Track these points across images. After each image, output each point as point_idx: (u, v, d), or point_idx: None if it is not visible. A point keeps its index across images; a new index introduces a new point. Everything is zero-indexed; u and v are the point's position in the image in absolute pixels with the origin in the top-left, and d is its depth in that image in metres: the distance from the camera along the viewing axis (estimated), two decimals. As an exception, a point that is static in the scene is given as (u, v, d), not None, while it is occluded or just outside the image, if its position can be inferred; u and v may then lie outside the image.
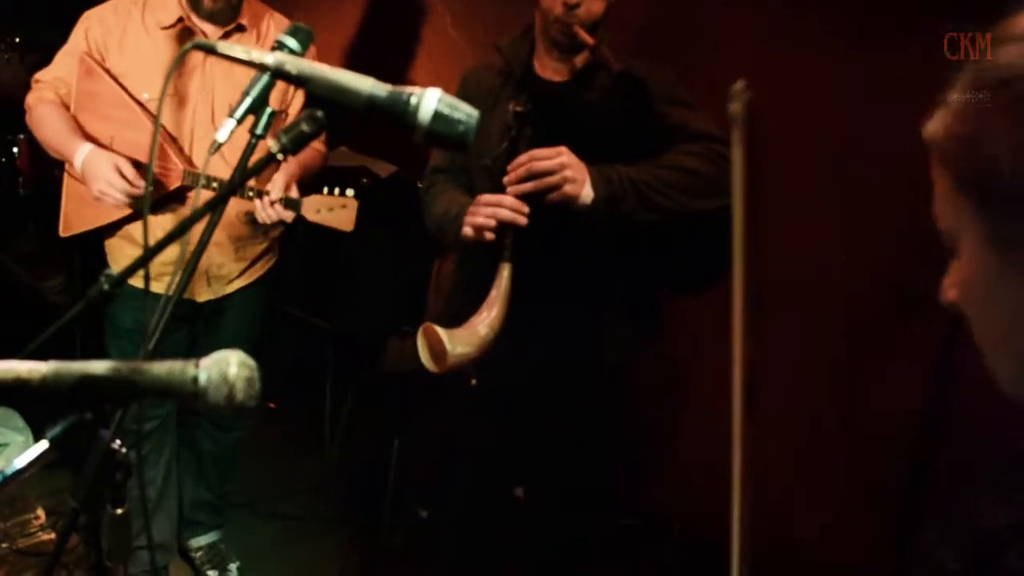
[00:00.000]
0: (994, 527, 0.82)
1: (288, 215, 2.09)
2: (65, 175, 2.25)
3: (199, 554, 2.67)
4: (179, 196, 2.15)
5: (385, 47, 3.47)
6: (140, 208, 2.10)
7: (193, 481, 2.63)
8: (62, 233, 2.27)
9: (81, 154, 2.05)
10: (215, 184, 2.07)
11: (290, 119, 2.11)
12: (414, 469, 2.76)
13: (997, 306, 0.70)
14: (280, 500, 3.02)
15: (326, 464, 3.26)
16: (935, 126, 0.72)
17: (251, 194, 2.06)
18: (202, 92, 2.13)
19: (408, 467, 2.88)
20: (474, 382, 1.73)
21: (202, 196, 2.09)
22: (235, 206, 2.22)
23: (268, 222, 2.09)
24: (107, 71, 2.11)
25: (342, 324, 3.13)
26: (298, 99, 2.29)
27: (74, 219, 2.25)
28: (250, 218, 2.25)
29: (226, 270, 2.30)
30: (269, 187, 2.06)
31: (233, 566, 2.66)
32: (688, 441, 2.66)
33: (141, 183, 2.02)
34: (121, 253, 2.26)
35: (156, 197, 2.10)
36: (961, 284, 0.72)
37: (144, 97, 2.12)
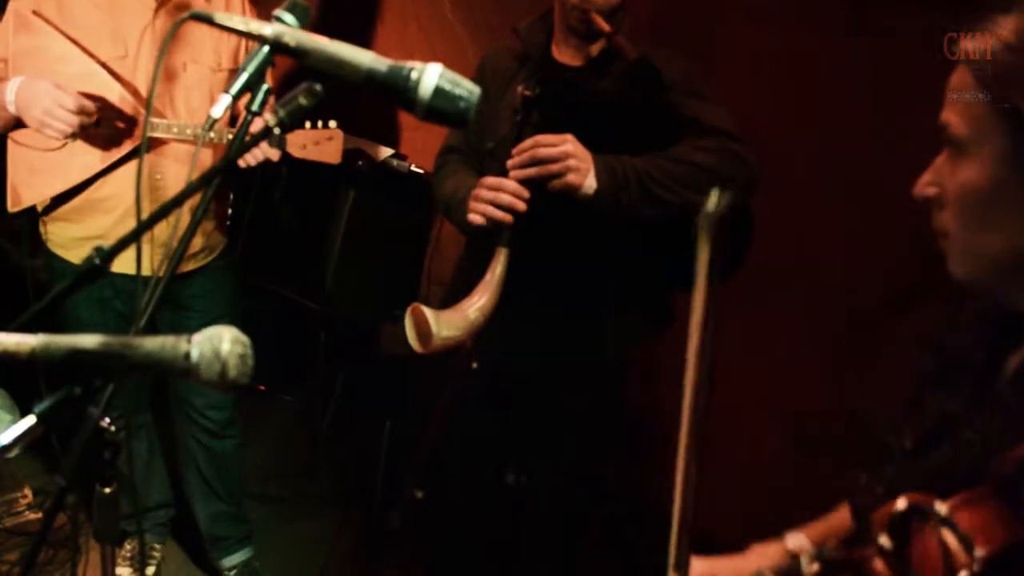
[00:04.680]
0: (946, 409, 0.91)
1: (274, 153, 2.06)
2: (9, 142, 2.10)
3: (233, 573, 2.60)
4: (148, 148, 2.09)
5: (382, 30, 3.44)
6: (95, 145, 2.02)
7: (202, 498, 2.54)
8: (11, 208, 2.13)
9: (13, 86, 1.90)
10: (188, 132, 2.03)
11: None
12: (410, 449, 2.76)
13: (989, 213, 0.82)
14: (270, 482, 3.01)
15: (317, 447, 3.25)
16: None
17: (231, 138, 2.01)
18: (152, 48, 2.05)
19: (400, 451, 2.87)
20: (475, 365, 1.71)
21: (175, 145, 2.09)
22: (197, 169, 2.17)
23: (253, 163, 2.05)
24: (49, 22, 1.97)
25: (334, 307, 3.11)
26: None
27: (24, 190, 2.11)
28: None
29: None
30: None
31: None
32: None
33: (89, 106, 1.92)
34: (64, 235, 2.16)
35: (128, 146, 2.04)
36: (962, 187, 0.83)
37: None
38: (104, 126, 2.01)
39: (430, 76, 0.87)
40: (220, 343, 0.81)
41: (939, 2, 1.85)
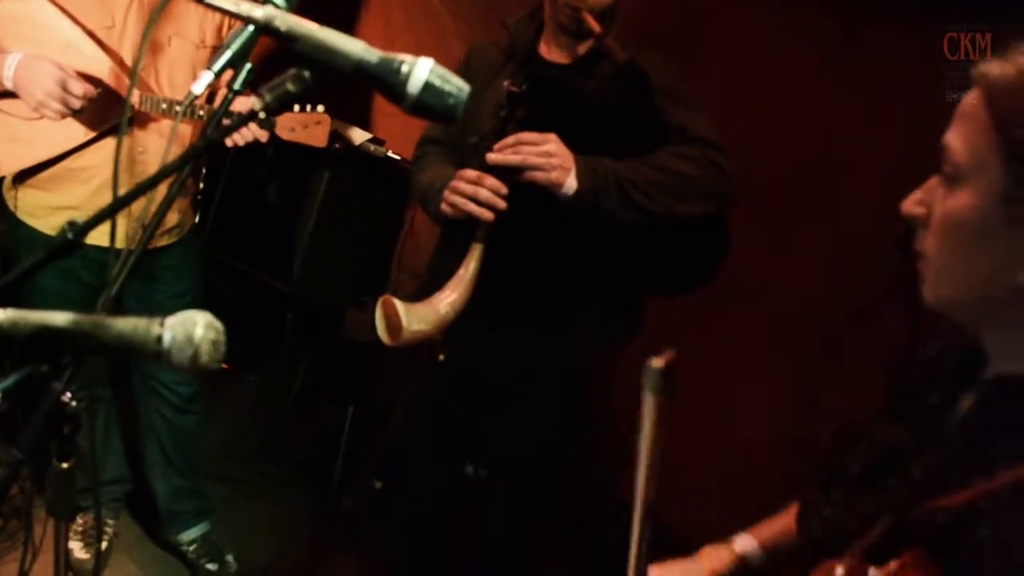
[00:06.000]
0: (894, 441, 0.93)
1: (263, 134, 2.08)
2: None
3: (192, 547, 2.58)
4: (132, 121, 2.09)
5: (366, 15, 3.41)
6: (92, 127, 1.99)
7: (162, 472, 2.52)
8: None
9: (12, 61, 1.88)
10: (176, 109, 2.02)
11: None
12: (371, 436, 2.75)
13: (970, 245, 0.80)
14: (228, 462, 2.98)
15: (278, 429, 3.22)
16: (997, 69, 0.78)
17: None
18: (139, 19, 2.03)
19: (360, 437, 2.86)
20: (442, 357, 1.71)
21: (161, 121, 2.09)
22: (176, 148, 2.17)
23: (241, 143, 2.07)
24: None
25: (302, 289, 3.09)
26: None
27: (3, 158, 2.06)
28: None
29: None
30: (238, 108, 2.01)
31: (230, 556, 2.59)
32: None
33: (91, 91, 1.92)
34: (34, 203, 2.12)
35: (115, 119, 2.02)
36: (948, 215, 0.81)
37: None
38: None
39: (420, 70, 0.87)
40: (193, 328, 0.80)
41: (926, 17, 1.90)
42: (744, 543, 1.25)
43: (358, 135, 3.05)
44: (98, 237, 1.99)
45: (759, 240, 2.18)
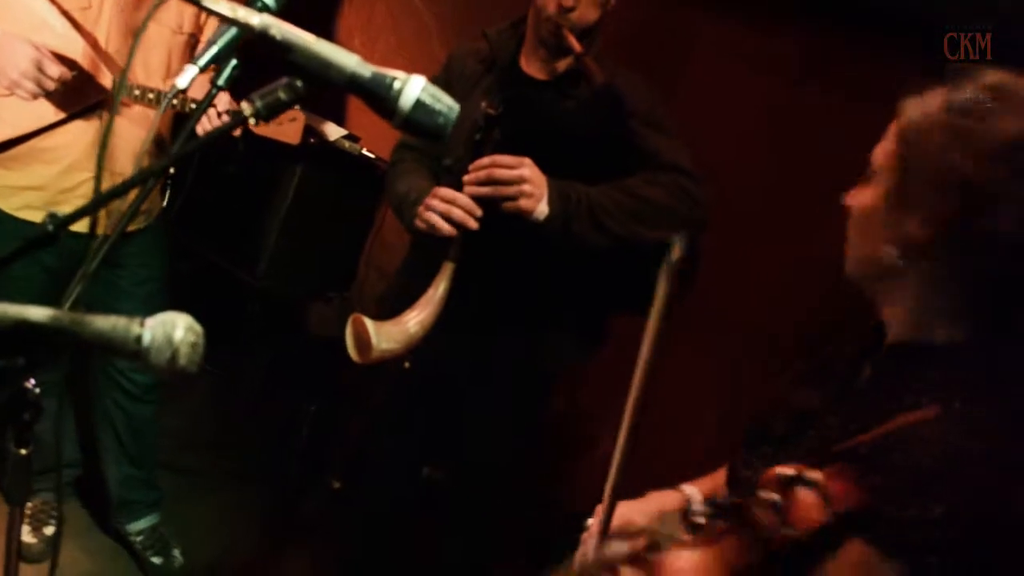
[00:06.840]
0: (807, 405, 1.13)
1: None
2: None
3: (139, 539, 2.54)
4: (103, 104, 2.04)
5: (348, 9, 3.40)
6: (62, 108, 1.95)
7: (115, 461, 2.47)
8: None
9: None
10: (150, 96, 2.01)
11: (202, 43, 2.04)
12: (331, 435, 2.73)
13: (866, 231, 1.06)
14: (183, 452, 2.95)
15: (236, 421, 3.19)
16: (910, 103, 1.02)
17: (193, 108, 1.98)
18: (115, 5, 2.01)
19: (320, 435, 2.85)
20: (407, 365, 1.72)
21: (133, 107, 2.07)
22: (142, 132, 2.14)
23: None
24: None
25: (269, 281, 3.07)
26: (211, 23, 2.19)
27: None
28: (156, 150, 2.19)
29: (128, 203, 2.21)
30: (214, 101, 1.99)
31: (176, 551, 2.55)
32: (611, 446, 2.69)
33: (67, 74, 1.89)
34: None
35: (85, 101, 1.98)
36: (855, 206, 1.07)
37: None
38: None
39: (412, 88, 0.88)
40: (173, 330, 0.81)
41: (897, 57, 1.94)
42: (690, 489, 1.39)
43: (333, 131, 3.05)
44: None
45: (727, 266, 2.20)
